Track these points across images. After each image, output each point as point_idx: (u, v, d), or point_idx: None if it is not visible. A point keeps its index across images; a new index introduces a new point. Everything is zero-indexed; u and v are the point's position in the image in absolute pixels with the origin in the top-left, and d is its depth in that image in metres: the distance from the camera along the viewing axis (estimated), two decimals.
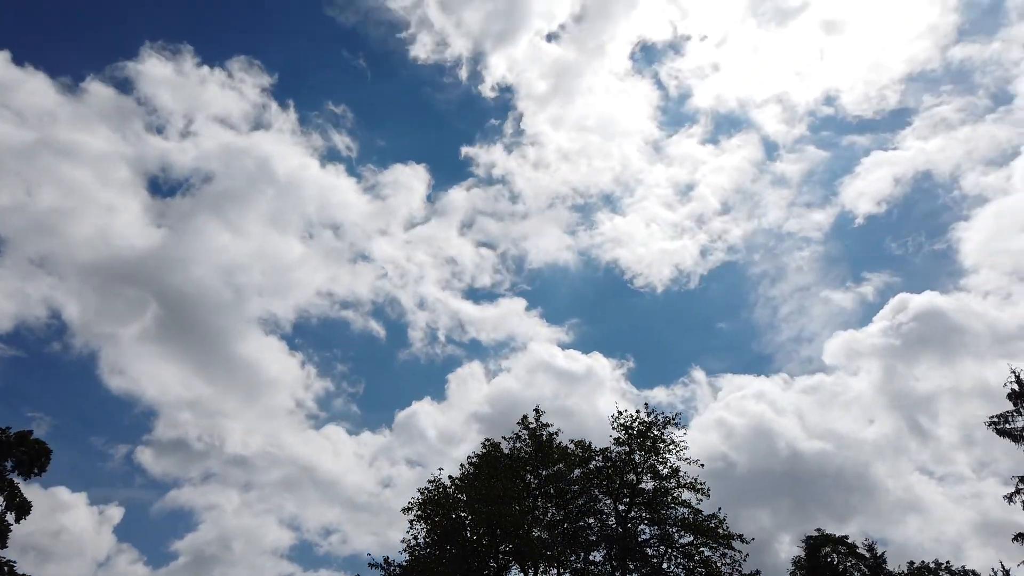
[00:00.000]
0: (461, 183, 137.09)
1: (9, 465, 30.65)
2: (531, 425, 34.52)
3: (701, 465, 33.41)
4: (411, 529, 32.22)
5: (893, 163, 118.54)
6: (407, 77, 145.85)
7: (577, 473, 34.14)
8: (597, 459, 34.06)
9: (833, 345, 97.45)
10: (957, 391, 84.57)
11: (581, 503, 33.69)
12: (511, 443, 34.45)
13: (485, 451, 34.44)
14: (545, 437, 34.29)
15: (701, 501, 32.65)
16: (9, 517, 30.07)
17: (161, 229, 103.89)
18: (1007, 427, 30.91)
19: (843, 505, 60.90)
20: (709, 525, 31.80)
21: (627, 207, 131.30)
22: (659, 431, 33.37)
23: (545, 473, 33.93)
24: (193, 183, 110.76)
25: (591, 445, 34.43)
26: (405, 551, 32.09)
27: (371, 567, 32.18)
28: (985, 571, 37.47)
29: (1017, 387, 31.02)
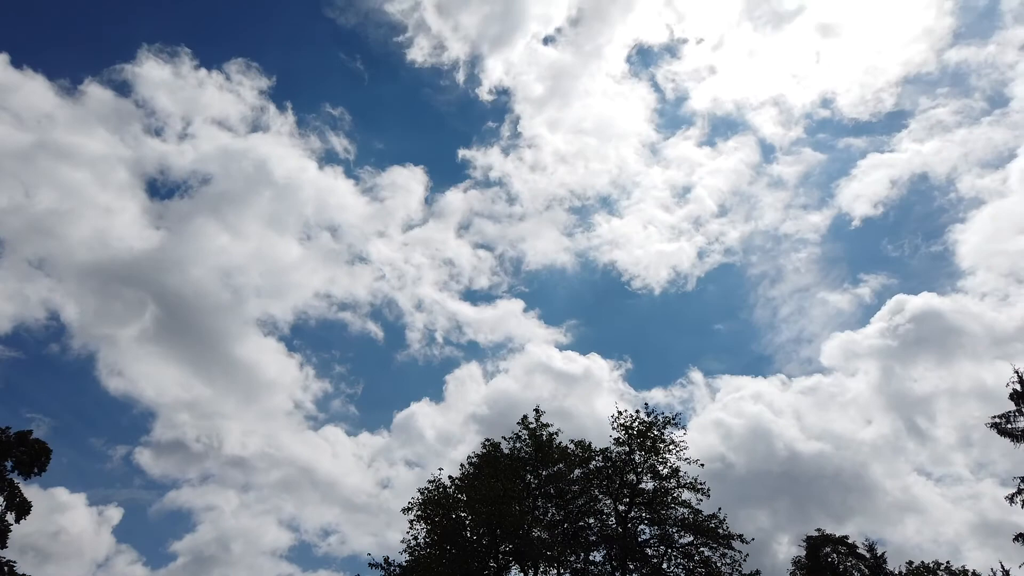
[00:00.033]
0: (458, 185, 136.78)
1: (9, 465, 30.63)
2: (531, 425, 34.46)
3: (701, 465, 33.47)
4: (411, 529, 32.25)
5: (890, 165, 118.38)
6: (405, 80, 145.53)
7: (577, 473, 34.13)
8: (597, 459, 34.06)
9: (830, 346, 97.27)
10: (954, 392, 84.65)
11: (581, 503, 33.64)
12: (511, 443, 34.43)
13: (485, 451, 34.41)
14: (545, 437, 34.25)
15: (701, 501, 32.69)
16: (9, 517, 30.06)
17: (159, 231, 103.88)
18: (1008, 427, 30.80)
19: (841, 506, 60.84)
20: (709, 525, 31.80)
21: (624, 209, 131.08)
22: (659, 431, 33.37)
23: (545, 473, 33.88)
24: (191, 185, 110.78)
25: (591, 445, 34.44)
26: (405, 551, 32.11)
27: (371, 567, 32.15)
28: (983, 572, 37.35)
29: (1020, 387, 30.91)
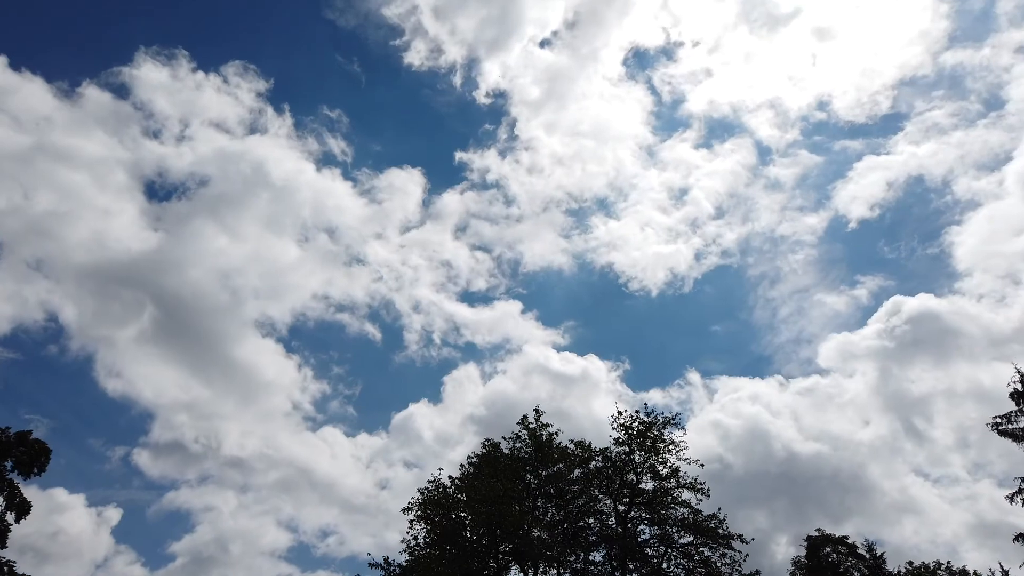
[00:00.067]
0: (456, 187, 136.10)
1: (9, 465, 30.58)
2: (531, 425, 34.44)
3: (701, 465, 33.47)
4: (411, 529, 32.22)
5: (886, 168, 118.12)
6: (402, 83, 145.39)
7: (577, 473, 34.12)
8: (597, 459, 34.05)
9: (828, 347, 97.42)
10: (952, 393, 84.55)
11: (581, 503, 33.63)
12: (511, 443, 34.41)
13: (485, 451, 34.38)
14: (545, 437, 34.23)
15: (701, 501, 32.68)
16: (9, 517, 29.97)
17: (157, 233, 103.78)
18: (1009, 427, 30.70)
19: (839, 506, 60.78)
20: (709, 525, 31.80)
21: (621, 211, 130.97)
22: (659, 431, 33.37)
23: (545, 473, 33.86)
24: (189, 187, 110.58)
25: (591, 445, 34.44)
26: (405, 551, 32.09)
27: (371, 567, 32.15)
28: (982, 573, 37.33)
29: (1020, 387, 30.84)
